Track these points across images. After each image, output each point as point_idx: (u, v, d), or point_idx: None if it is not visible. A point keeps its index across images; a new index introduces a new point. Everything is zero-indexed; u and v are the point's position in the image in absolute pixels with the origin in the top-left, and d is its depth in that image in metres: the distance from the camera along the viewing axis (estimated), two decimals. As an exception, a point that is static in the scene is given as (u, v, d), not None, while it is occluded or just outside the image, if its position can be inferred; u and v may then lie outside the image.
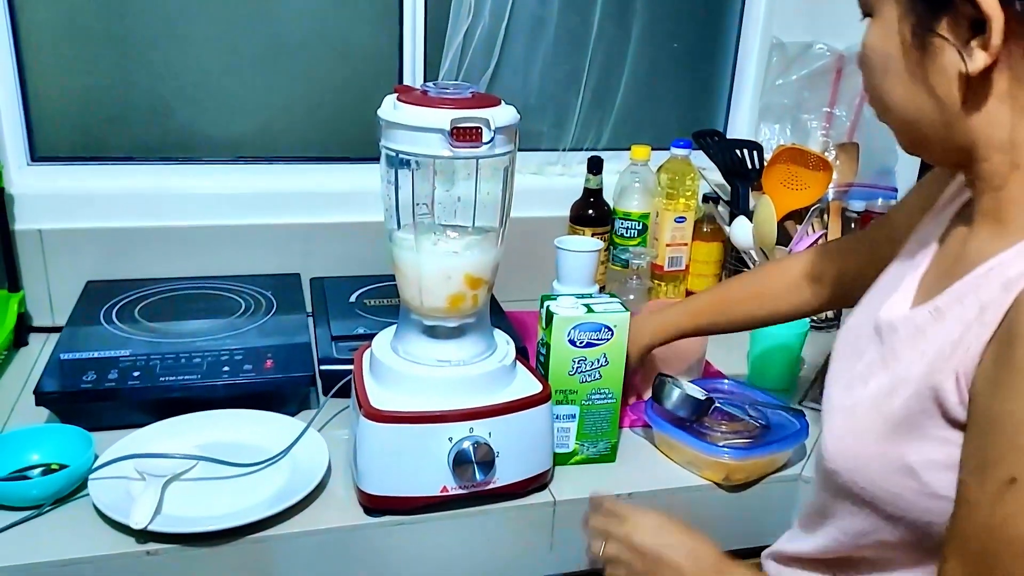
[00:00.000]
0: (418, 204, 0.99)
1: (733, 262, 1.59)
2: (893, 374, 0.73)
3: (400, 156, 0.94)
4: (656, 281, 1.61)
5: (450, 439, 0.97)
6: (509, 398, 1.00)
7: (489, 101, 0.95)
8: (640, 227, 1.56)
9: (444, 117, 0.89)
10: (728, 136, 1.77)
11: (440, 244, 1.00)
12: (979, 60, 0.64)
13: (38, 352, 1.35)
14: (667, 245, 1.58)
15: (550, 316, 1.08)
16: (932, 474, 0.69)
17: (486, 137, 0.91)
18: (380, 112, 0.95)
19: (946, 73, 0.67)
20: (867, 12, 0.73)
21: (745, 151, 1.56)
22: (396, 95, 0.95)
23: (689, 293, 1.64)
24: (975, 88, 0.67)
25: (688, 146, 1.57)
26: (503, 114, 0.93)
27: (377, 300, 1.41)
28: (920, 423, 0.70)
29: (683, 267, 1.61)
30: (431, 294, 0.99)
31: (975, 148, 0.70)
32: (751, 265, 1.49)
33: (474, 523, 1.02)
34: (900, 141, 0.76)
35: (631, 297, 1.50)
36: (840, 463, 0.77)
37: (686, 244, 1.59)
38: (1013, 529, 0.61)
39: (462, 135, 0.90)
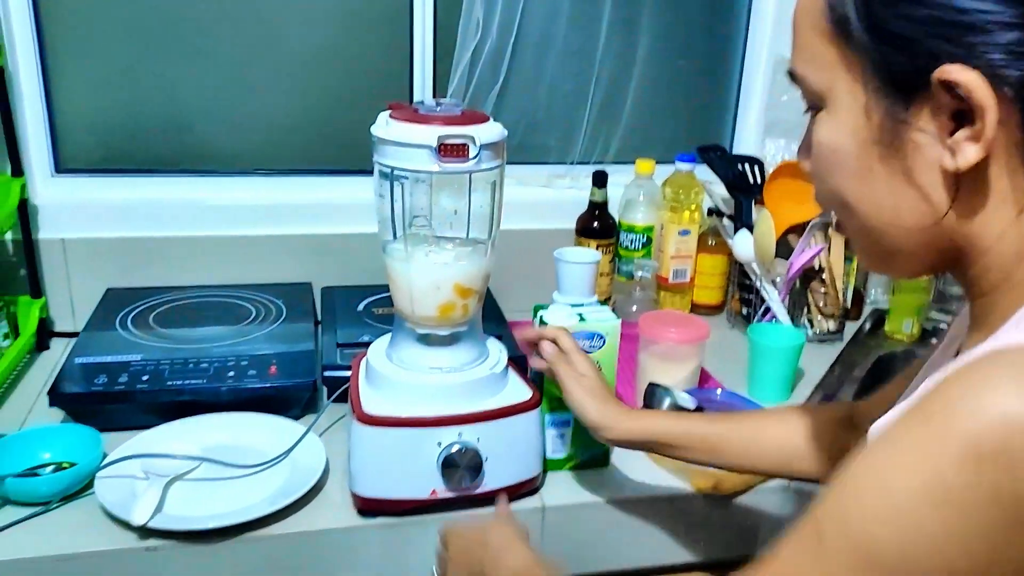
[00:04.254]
0: (416, 216, 1.03)
1: (736, 275, 1.61)
2: None
3: (392, 171, 0.98)
4: (661, 292, 1.63)
5: (439, 444, 1.00)
6: (498, 404, 1.03)
7: (477, 118, 0.98)
8: (644, 240, 1.59)
9: (431, 134, 0.93)
10: (734, 151, 1.79)
11: (431, 255, 1.03)
12: (970, 155, 0.55)
13: (58, 356, 1.40)
14: (671, 258, 1.61)
15: (543, 325, 1.11)
16: None
17: (472, 153, 0.94)
18: (373, 128, 0.99)
19: (928, 170, 0.58)
20: (816, 105, 0.64)
21: (747, 166, 1.58)
22: (389, 112, 0.99)
23: (695, 305, 1.66)
24: (966, 185, 0.57)
25: (692, 160, 1.59)
26: (489, 131, 0.97)
27: (384, 309, 1.44)
28: None
29: (687, 279, 1.63)
30: (422, 304, 1.02)
31: (962, 253, 0.61)
32: (752, 278, 1.51)
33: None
34: (864, 253, 0.67)
35: (634, 308, 1.53)
36: None
37: (690, 257, 1.61)
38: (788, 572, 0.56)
39: (449, 151, 0.93)
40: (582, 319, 1.11)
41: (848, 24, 0.59)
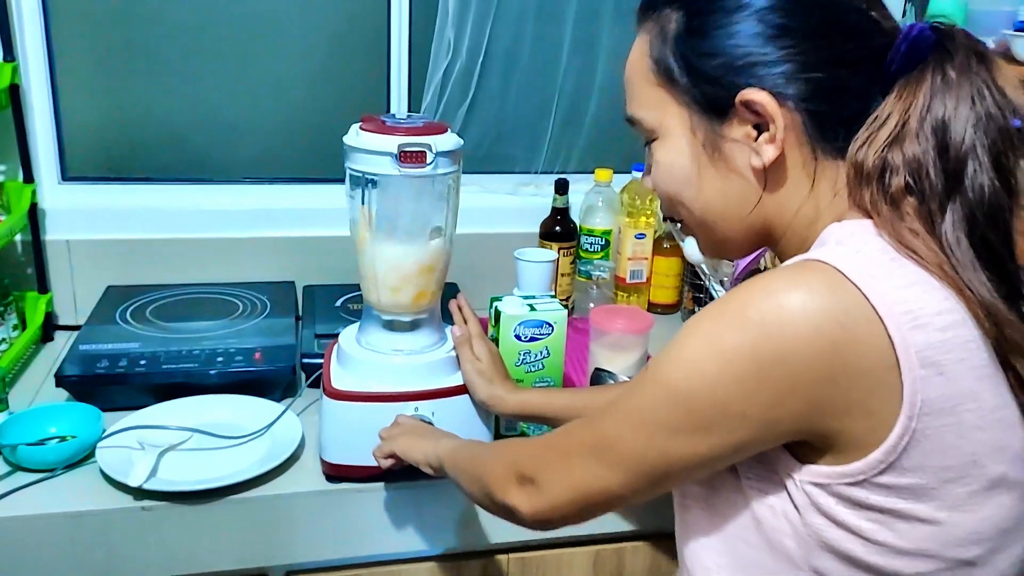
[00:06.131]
0: (380, 216, 1.16)
1: (689, 275, 1.74)
2: None
3: (360, 175, 1.11)
4: (619, 292, 1.76)
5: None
6: (453, 383, 1.16)
7: (436, 129, 1.11)
8: (603, 243, 1.72)
9: (393, 142, 1.06)
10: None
11: (394, 249, 1.16)
12: (770, 153, 0.74)
13: (62, 346, 1.53)
14: (628, 259, 1.74)
15: (498, 314, 1.24)
16: None
17: (429, 159, 1.08)
18: (344, 138, 1.12)
19: (744, 167, 0.77)
20: (652, 138, 0.82)
21: (697, 174, 1.71)
22: (360, 124, 1.13)
23: (652, 304, 1.79)
24: (771, 176, 0.76)
25: (647, 170, 1.73)
26: (446, 140, 1.10)
27: (359, 304, 1.57)
28: None
29: (644, 279, 1.76)
30: (386, 291, 1.15)
31: (772, 228, 0.79)
32: (703, 278, 1.64)
33: (421, 492, 1.17)
34: (703, 243, 0.86)
35: (592, 305, 1.66)
36: None
37: (646, 258, 1.75)
38: (624, 403, 0.73)
39: (408, 157, 1.07)
40: (532, 309, 1.24)
41: (672, 72, 0.78)
